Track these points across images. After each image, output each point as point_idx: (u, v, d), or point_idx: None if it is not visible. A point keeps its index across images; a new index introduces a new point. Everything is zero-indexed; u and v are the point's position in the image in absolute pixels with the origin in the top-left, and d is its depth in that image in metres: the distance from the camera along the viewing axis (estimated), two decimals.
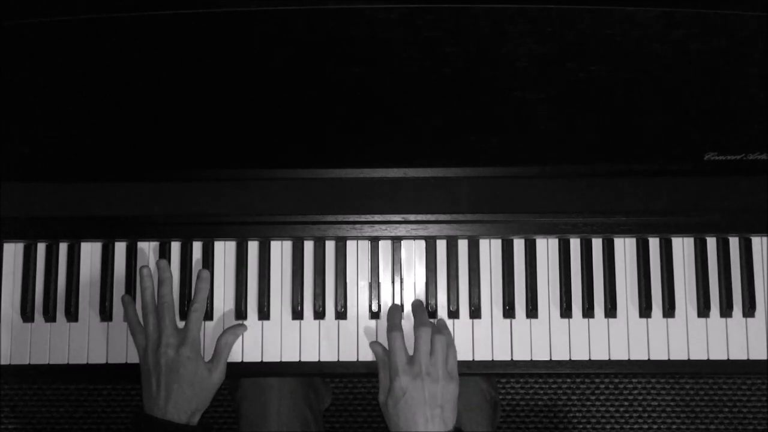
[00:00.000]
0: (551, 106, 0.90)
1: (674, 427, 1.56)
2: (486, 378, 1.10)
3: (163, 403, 0.88)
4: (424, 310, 0.97)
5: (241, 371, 0.98)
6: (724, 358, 0.98)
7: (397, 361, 0.89)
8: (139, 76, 0.89)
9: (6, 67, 0.89)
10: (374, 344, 0.95)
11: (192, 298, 0.96)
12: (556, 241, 1.00)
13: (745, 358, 0.98)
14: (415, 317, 0.95)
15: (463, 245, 1.00)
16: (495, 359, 0.98)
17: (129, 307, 0.96)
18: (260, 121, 0.92)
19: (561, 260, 0.99)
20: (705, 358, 0.98)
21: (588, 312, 0.98)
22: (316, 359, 0.98)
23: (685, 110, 0.91)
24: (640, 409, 1.56)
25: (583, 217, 0.98)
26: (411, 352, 0.90)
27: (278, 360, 0.98)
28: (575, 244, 1.00)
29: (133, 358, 0.98)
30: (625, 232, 0.99)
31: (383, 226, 0.98)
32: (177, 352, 0.89)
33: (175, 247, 1.00)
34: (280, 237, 0.99)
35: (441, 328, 0.94)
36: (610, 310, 0.98)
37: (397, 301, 0.99)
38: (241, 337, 0.98)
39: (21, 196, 0.97)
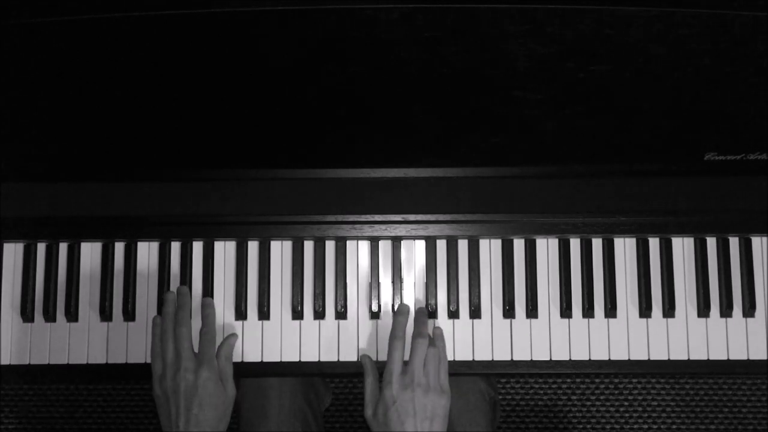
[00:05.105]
0: (551, 106, 0.90)
1: (674, 427, 1.56)
2: (485, 378, 1.10)
3: (184, 428, 0.87)
4: (425, 321, 0.96)
5: (241, 371, 0.98)
6: (724, 358, 0.97)
7: (392, 370, 0.89)
8: (139, 77, 0.89)
9: (6, 66, 0.89)
10: (364, 356, 0.95)
11: (201, 325, 0.94)
12: (556, 241, 1.00)
13: (745, 358, 0.97)
14: (414, 326, 0.94)
15: (463, 245, 1.00)
16: (495, 359, 0.98)
17: (156, 329, 0.93)
18: (260, 121, 0.92)
19: (561, 260, 0.99)
20: (705, 358, 0.98)
21: (588, 312, 0.98)
22: (316, 359, 0.98)
23: (685, 110, 0.91)
24: (640, 409, 1.56)
25: (583, 217, 0.98)
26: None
27: (278, 360, 0.98)
28: (575, 244, 1.00)
29: (133, 358, 0.98)
30: (625, 232, 0.99)
31: (383, 226, 0.98)
32: (196, 375, 0.88)
33: (175, 247, 1.00)
34: (280, 237, 0.99)
35: (436, 339, 0.94)
36: (610, 310, 0.98)
37: (397, 302, 0.99)
38: (241, 337, 0.98)
39: (21, 196, 0.97)
